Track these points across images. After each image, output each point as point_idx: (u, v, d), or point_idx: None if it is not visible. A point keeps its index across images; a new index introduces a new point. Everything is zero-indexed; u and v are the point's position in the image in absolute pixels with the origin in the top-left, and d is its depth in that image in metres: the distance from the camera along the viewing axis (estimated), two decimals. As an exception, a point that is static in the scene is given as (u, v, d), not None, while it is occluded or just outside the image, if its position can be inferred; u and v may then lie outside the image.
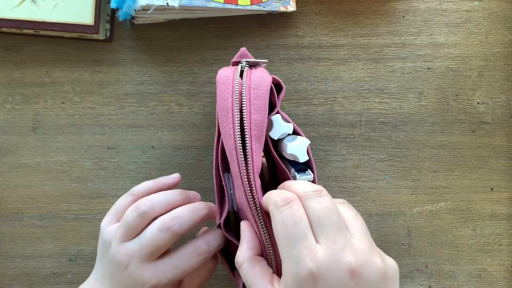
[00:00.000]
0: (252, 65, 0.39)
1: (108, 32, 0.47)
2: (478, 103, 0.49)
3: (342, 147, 0.48)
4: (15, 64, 0.48)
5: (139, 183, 0.47)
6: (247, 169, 0.36)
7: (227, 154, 0.37)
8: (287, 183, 0.35)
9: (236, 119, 0.36)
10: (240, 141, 0.36)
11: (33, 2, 0.44)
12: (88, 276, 0.46)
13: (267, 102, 0.37)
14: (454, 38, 0.49)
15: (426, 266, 0.48)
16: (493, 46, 0.49)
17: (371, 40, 0.48)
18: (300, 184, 0.34)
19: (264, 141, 0.37)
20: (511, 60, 0.49)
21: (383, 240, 0.48)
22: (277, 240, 0.31)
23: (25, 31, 0.46)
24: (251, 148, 0.36)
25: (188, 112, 0.48)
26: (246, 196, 0.36)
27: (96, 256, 0.47)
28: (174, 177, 0.42)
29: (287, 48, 0.48)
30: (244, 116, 0.36)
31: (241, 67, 0.38)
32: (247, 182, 0.36)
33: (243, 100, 0.36)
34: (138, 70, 0.48)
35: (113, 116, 0.48)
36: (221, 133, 0.37)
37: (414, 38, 0.49)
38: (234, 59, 0.39)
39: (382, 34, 0.49)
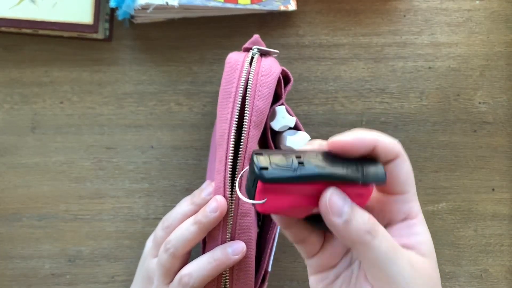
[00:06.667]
0: (263, 54, 0.39)
1: (107, 31, 0.47)
2: (479, 103, 0.49)
3: (342, 147, 0.48)
4: (14, 63, 0.47)
5: (138, 183, 0.47)
6: (235, 156, 0.35)
7: (216, 138, 0.36)
8: None
9: (237, 104, 0.35)
10: (235, 127, 0.35)
11: (32, 1, 0.44)
12: (87, 276, 0.46)
13: (273, 91, 0.37)
14: (456, 38, 0.49)
15: (427, 267, 0.48)
16: (495, 46, 0.49)
17: (372, 39, 0.48)
18: None
19: (262, 129, 0.37)
20: (513, 59, 0.49)
21: (384, 240, 0.48)
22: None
23: (24, 30, 0.46)
24: (248, 134, 0.35)
25: (188, 112, 0.48)
26: (224, 182, 0.35)
27: (95, 257, 0.47)
28: (208, 193, 0.38)
29: (287, 48, 0.48)
30: (246, 101, 0.36)
31: (252, 54, 0.38)
32: (230, 169, 0.35)
33: (248, 87, 0.36)
34: (137, 69, 0.48)
35: (112, 116, 0.47)
36: (217, 116, 0.37)
37: (415, 38, 0.48)
38: (246, 45, 0.39)
39: (383, 33, 0.48)
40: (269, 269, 0.40)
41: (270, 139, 0.39)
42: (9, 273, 0.47)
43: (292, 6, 0.46)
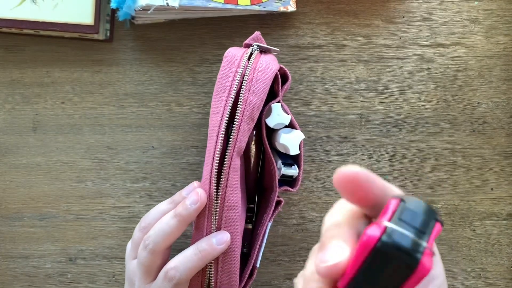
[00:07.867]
0: (263, 51, 0.39)
1: (108, 32, 0.47)
2: (478, 103, 0.49)
3: (342, 147, 0.48)
4: (15, 64, 0.48)
5: (139, 183, 0.47)
6: (224, 148, 0.35)
7: (208, 131, 0.36)
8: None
9: (231, 98, 0.36)
10: (227, 120, 0.35)
11: (33, 2, 0.44)
12: (88, 275, 0.47)
13: (268, 88, 0.37)
14: (454, 38, 0.49)
15: (426, 266, 0.48)
16: (493, 46, 0.49)
17: (371, 40, 0.48)
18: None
19: (254, 124, 0.37)
20: (511, 60, 0.49)
21: (383, 240, 0.48)
22: None
23: (25, 31, 0.46)
24: (239, 128, 0.36)
25: (188, 112, 0.48)
26: (211, 174, 0.35)
27: (96, 256, 0.47)
28: (188, 192, 0.38)
29: (287, 48, 0.48)
30: (240, 96, 0.36)
31: (251, 50, 0.38)
32: (217, 161, 0.35)
33: (244, 81, 0.36)
34: (138, 70, 0.48)
35: (113, 116, 0.48)
36: (211, 109, 0.37)
37: (414, 38, 0.49)
38: (247, 41, 0.39)
39: (382, 34, 0.49)
40: (257, 265, 0.41)
41: (264, 136, 0.39)
42: (10, 272, 0.47)
43: (291, 7, 0.46)
